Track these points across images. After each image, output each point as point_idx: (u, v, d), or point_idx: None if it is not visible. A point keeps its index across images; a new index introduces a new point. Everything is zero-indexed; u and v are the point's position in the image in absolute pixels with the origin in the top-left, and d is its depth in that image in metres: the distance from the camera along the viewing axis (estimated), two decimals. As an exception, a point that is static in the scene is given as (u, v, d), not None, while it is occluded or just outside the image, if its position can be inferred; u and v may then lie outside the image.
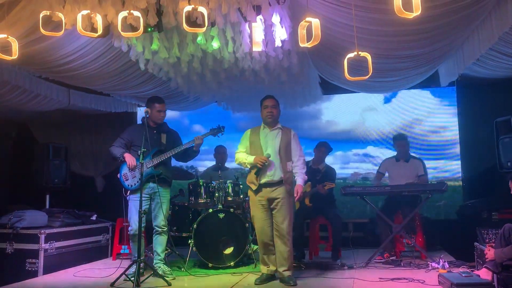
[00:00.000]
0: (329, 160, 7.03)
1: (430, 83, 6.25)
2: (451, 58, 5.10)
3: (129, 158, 4.48)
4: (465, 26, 4.12)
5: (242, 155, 4.37)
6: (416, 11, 2.89)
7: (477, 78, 5.77)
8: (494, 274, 3.49)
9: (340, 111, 7.37)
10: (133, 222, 4.46)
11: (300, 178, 4.27)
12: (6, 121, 7.08)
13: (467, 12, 3.76)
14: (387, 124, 7.08)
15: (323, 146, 5.70)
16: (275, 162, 4.23)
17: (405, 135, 5.92)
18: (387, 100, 7.13)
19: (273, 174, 4.23)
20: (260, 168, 4.21)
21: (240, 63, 4.86)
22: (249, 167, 4.35)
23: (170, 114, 7.28)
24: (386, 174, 5.70)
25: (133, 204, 4.49)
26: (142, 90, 6.07)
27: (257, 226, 4.36)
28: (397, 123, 7.04)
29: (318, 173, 5.59)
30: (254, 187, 4.29)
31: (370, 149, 6.32)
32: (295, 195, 4.23)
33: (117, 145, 4.62)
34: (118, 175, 4.59)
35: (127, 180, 4.54)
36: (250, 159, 4.27)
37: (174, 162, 5.12)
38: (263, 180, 4.24)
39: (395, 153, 5.78)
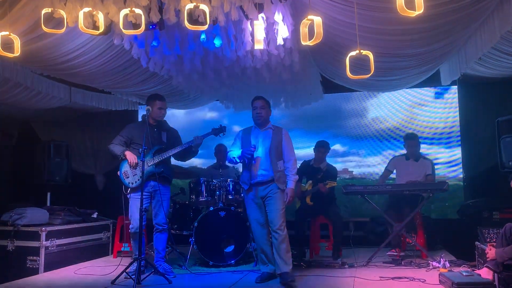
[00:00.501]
0: (376, 160, 6.78)
1: (431, 82, 6.23)
2: (453, 57, 5.08)
3: (130, 156, 4.48)
4: (467, 25, 4.10)
5: (231, 153, 4.42)
6: (419, 9, 2.87)
7: (478, 77, 5.75)
8: (495, 274, 3.49)
9: (386, 108, 6.95)
10: (134, 220, 4.46)
11: (290, 181, 4.28)
12: (8, 118, 7.07)
13: (469, 11, 3.75)
14: (440, 121, 6.66)
15: (322, 147, 5.70)
16: (266, 162, 4.25)
17: (416, 135, 5.80)
18: (438, 95, 6.74)
19: (264, 173, 4.25)
20: (250, 163, 4.23)
21: (241, 61, 4.85)
22: (239, 161, 4.38)
23: (209, 115, 6.98)
24: (394, 171, 5.67)
25: (134, 202, 4.48)
26: (143, 88, 6.07)
27: (252, 225, 4.38)
28: (451, 119, 6.63)
29: (320, 172, 5.59)
30: (246, 187, 4.33)
31: (423, 148, 5.65)
32: (285, 199, 4.24)
33: (116, 143, 4.61)
34: (118, 173, 4.58)
35: (127, 178, 4.53)
36: (238, 153, 4.31)
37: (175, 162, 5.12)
38: (254, 180, 4.27)
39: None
